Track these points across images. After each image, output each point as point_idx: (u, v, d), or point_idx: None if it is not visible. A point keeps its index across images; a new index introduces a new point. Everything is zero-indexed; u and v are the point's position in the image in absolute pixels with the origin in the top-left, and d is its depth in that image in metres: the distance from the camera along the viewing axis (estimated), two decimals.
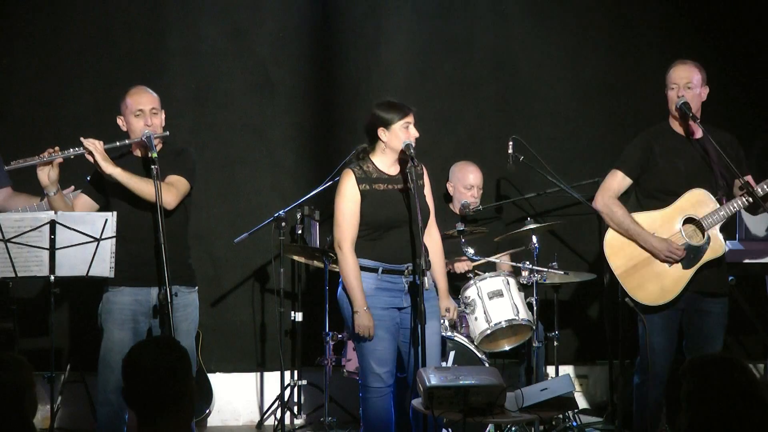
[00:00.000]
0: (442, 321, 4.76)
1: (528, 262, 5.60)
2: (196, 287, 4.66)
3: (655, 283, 4.65)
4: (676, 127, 4.76)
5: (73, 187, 4.72)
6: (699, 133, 4.71)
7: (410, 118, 4.57)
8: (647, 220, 4.70)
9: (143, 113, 4.49)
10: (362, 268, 4.51)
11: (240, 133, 6.49)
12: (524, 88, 6.76)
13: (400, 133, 4.53)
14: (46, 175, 4.38)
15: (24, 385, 2.87)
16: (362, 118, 6.54)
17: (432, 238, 4.70)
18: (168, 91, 6.18)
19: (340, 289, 4.57)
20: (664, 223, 4.68)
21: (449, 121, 6.69)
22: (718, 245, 4.66)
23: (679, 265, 4.64)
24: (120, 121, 4.58)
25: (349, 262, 4.49)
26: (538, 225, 5.76)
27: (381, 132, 4.57)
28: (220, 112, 6.46)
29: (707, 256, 4.65)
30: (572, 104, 6.79)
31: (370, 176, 4.57)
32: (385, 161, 4.61)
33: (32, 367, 2.98)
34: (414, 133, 4.56)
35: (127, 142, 4.50)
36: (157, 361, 2.76)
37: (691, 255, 4.64)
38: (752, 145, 6.24)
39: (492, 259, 5.69)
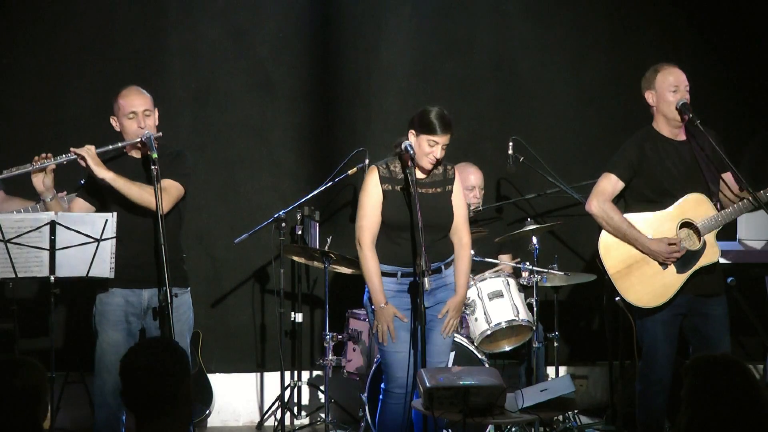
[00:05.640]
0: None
1: (528, 263, 5.60)
2: (189, 288, 4.65)
3: (647, 285, 4.63)
4: (663, 130, 4.74)
5: (65, 192, 4.71)
6: (684, 136, 4.71)
7: (439, 138, 4.42)
8: (643, 221, 4.68)
9: (136, 115, 4.47)
10: (383, 273, 4.47)
11: (240, 134, 6.48)
12: (524, 88, 6.76)
13: (423, 145, 4.43)
14: (41, 182, 4.37)
15: (39, 389, 2.86)
16: (362, 118, 6.59)
17: (461, 242, 4.60)
18: (168, 91, 6.20)
19: (365, 295, 4.54)
20: (660, 225, 4.65)
21: None
22: (712, 252, 4.63)
23: (674, 269, 4.62)
24: (113, 122, 4.56)
25: (368, 260, 4.46)
26: (539, 226, 5.76)
27: (411, 134, 4.49)
28: (220, 112, 6.46)
29: (702, 262, 4.62)
30: (572, 104, 6.78)
31: (394, 177, 4.50)
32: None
33: (45, 371, 2.98)
34: (437, 154, 4.43)
35: (120, 144, 4.48)
36: (154, 362, 2.76)
37: (685, 259, 4.61)
38: (751, 139, 6.24)
39: (491, 260, 5.69)
